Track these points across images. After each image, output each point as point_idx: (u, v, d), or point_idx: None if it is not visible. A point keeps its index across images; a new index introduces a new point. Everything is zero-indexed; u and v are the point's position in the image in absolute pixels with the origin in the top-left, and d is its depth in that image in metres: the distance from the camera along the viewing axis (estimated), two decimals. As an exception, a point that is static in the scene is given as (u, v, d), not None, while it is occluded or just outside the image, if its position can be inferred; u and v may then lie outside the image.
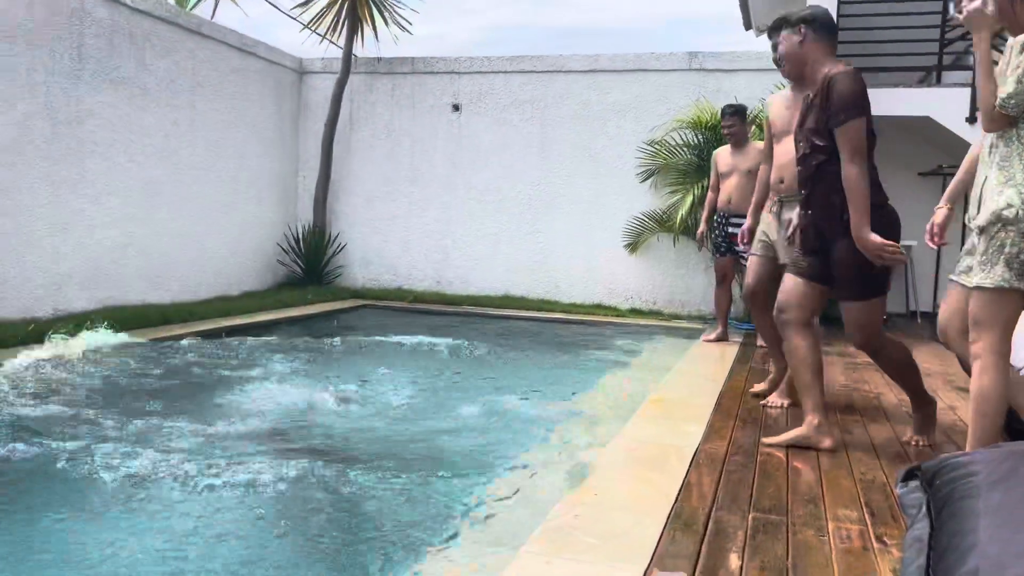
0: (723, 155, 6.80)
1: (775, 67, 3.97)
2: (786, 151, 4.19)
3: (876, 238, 3.22)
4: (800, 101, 3.75)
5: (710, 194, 6.98)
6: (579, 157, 9.49)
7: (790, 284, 3.61)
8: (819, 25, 3.46)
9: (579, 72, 9.46)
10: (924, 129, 8.50)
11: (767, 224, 4.66)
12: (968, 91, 7.85)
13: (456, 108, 9.86)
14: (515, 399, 5.16)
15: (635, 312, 9.16)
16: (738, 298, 7.59)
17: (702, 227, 7.05)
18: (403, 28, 10.12)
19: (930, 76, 9.10)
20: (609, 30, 60.65)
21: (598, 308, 9.26)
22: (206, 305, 7.95)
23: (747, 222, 4.93)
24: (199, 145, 8.38)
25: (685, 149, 8.88)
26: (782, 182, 4.38)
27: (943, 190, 9.08)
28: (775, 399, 4.41)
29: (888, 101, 8.12)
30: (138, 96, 7.52)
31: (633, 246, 9.25)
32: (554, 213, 9.58)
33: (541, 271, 9.64)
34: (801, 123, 3.54)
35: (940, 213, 3.47)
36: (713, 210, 6.93)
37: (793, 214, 3.92)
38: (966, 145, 7.90)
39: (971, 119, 7.79)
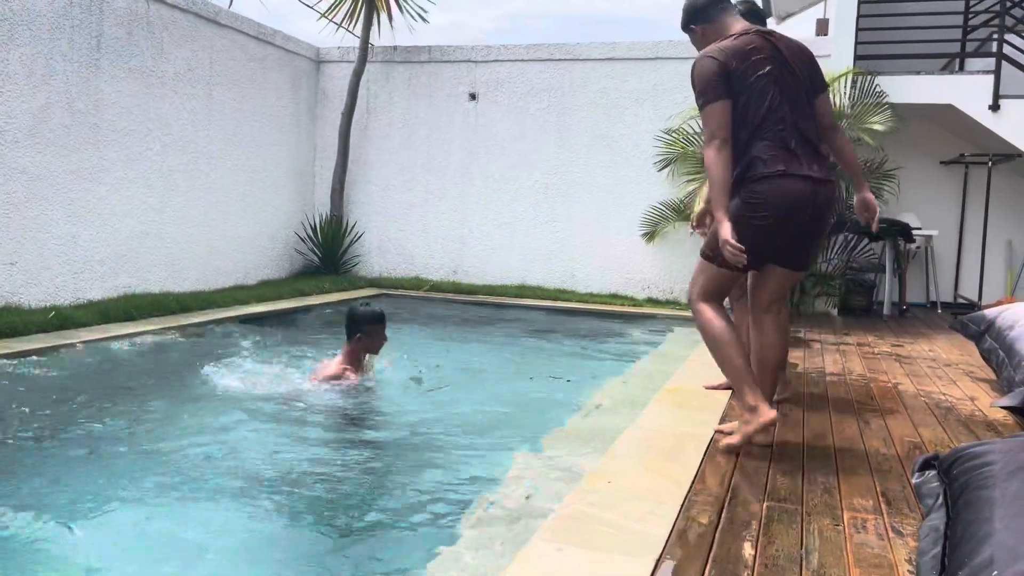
0: None
1: None
2: None
3: (724, 232, 3.10)
4: None
5: None
6: (596, 146, 9.45)
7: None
8: (699, 13, 3.43)
9: (596, 60, 9.40)
10: (946, 117, 8.39)
11: None
12: (991, 79, 7.75)
13: (473, 97, 9.84)
14: (528, 388, 5.16)
15: (652, 302, 9.12)
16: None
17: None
18: (421, 17, 10.09)
19: (952, 63, 8.99)
20: (627, 19, 60.30)
21: (615, 298, 9.22)
22: (224, 293, 7.99)
23: (698, 206, 4.96)
24: (216, 134, 8.41)
25: (703, 138, 8.81)
26: None
27: (965, 179, 9.09)
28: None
29: (910, 88, 8.04)
30: (156, 85, 7.56)
31: (650, 235, 9.20)
32: (571, 202, 9.55)
33: (557, 260, 9.62)
34: None
35: None
36: None
37: None
38: (989, 133, 7.85)
39: (994, 107, 7.70)
